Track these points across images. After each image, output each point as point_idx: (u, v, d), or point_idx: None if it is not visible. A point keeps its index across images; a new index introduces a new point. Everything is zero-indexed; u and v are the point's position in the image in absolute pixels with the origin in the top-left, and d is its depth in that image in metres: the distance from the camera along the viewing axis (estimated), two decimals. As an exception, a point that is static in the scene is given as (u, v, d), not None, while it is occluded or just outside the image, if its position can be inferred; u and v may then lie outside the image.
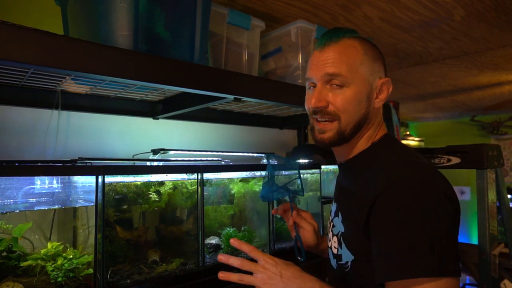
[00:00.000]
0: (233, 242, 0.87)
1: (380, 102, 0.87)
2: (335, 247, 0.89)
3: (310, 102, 0.85)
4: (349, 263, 0.83)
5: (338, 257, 0.87)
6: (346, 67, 0.81)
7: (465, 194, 5.31)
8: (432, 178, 0.73)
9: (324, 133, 0.86)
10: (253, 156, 1.65)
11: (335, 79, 0.82)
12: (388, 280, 0.69)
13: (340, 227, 0.87)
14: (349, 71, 0.81)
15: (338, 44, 0.83)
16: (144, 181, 1.18)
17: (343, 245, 0.84)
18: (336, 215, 0.91)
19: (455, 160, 1.62)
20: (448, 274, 0.65)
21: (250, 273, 0.82)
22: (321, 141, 0.87)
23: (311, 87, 0.89)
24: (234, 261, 0.83)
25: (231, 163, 1.46)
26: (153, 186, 1.21)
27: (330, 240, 0.93)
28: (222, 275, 0.82)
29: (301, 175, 1.19)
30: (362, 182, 0.83)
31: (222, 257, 0.84)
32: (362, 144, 0.88)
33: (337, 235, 0.88)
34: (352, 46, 0.83)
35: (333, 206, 0.96)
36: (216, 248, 1.33)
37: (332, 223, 0.93)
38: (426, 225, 0.67)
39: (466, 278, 4.13)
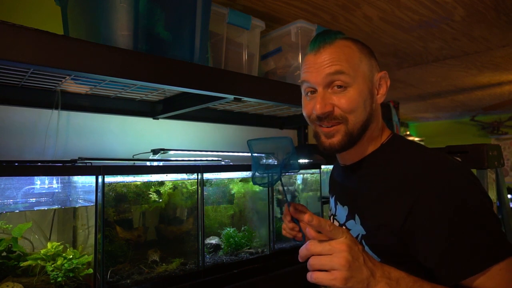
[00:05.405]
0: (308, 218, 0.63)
1: (382, 98, 0.85)
2: None
3: (314, 108, 0.80)
4: None
5: None
6: (347, 64, 0.80)
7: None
8: (462, 170, 0.74)
9: (333, 137, 0.81)
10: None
11: (338, 79, 0.79)
12: (471, 274, 0.67)
13: (359, 230, 0.83)
14: (351, 68, 0.80)
15: (334, 45, 0.82)
16: (144, 181, 1.18)
17: (366, 248, 0.81)
18: (350, 218, 0.87)
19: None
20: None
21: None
22: (331, 146, 0.82)
23: (309, 93, 0.85)
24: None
25: (231, 163, 1.46)
26: (153, 186, 1.20)
27: None
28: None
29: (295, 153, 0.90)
30: (386, 184, 0.80)
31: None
32: (370, 145, 0.86)
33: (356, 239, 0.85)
34: (346, 46, 0.82)
35: (342, 210, 0.92)
36: (216, 248, 1.33)
37: (344, 227, 0.87)
38: (478, 215, 0.70)
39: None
